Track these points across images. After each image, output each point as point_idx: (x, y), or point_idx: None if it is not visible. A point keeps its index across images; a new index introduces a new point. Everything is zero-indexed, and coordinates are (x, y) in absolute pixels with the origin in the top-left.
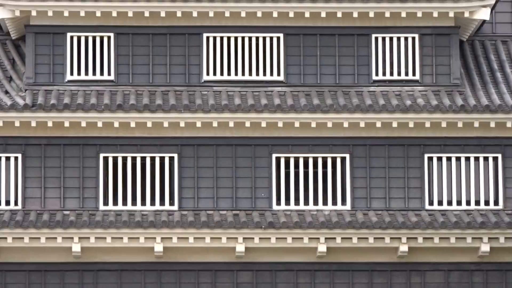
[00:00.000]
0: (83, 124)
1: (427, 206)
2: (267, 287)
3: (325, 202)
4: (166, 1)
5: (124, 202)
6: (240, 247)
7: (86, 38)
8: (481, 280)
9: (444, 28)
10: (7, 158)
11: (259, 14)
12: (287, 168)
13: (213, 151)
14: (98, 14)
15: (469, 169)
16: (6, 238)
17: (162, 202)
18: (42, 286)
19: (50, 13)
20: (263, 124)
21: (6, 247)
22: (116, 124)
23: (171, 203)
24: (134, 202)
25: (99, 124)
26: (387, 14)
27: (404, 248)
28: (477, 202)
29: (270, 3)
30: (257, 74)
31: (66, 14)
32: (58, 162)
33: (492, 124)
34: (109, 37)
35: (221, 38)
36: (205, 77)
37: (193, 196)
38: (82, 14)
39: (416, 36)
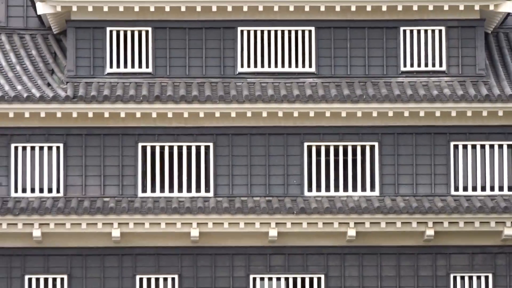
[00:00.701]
0: (122, 114)
1: (453, 192)
2: (298, 270)
3: (354, 189)
4: None
5: (162, 189)
6: (273, 232)
7: (125, 32)
8: (504, 263)
9: (470, 21)
10: (50, 148)
11: (291, 8)
12: (318, 156)
13: (247, 140)
14: (136, 9)
15: (493, 156)
16: (49, 224)
17: (198, 189)
18: (83, 270)
19: (90, 8)
20: (295, 114)
21: (49, 233)
22: (154, 115)
23: (207, 190)
24: (171, 189)
25: (138, 115)
26: (415, 8)
27: (430, 232)
28: (501, 188)
29: None
30: (289, 66)
31: (105, 9)
32: (98, 151)
33: None
34: (147, 31)
35: (255, 31)
36: (239, 69)
37: (228, 183)
38: (121, 9)
39: (443, 28)
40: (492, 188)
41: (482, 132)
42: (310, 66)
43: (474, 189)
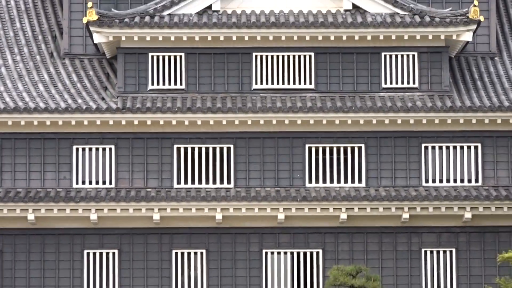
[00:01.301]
0: (161, 122)
1: (424, 184)
2: (301, 246)
3: (345, 181)
4: (224, 28)
5: (193, 182)
6: (281, 215)
7: (163, 56)
8: (464, 240)
9: (437, 48)
10: (104, 149)
11: (295, 38)
12: (317, 155)
13: (260, 142)
14: (172, 38)
15: (456, 155)
16: (103, 209)
17: (221, 181)
18: (131, 246)
19: (135, 38)
20: (298, 122)
21: (103, 216)
22: (186, 122)
23: (228, 182)
24: (200, 181)
25: (173, 122)
26: (393, 37)
27: (406, 215)
28: (462, 180)
29: (303, 29)
30: (294, 83)
31: (148, 38)
32: (142, 151)
33: (474, 121)
34: (180, 56)
35: (266, 56)
36: (254, 86)
37: (245, 177)
38: (160, 38)
39: (416, 53)
40: (455, 181)
41: (447, 136)
42: (310, 83)
43: (441, 181)
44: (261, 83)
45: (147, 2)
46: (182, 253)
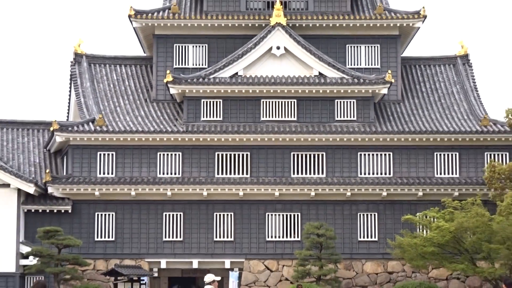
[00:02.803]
0: (208, 139)
1: (359, 175)
2: (288, 211)
3: (314, 173)
4: (245, 85)
5: (226, 173)
6: (277, 193)
7: (210, 101)
8: (383, 208)
9: (367, 97)
10: (175, 154)
11: (285, 91)
12: (298, 158)
13: (265, 151)
14: (215, 91)
15: (378, 159)
16: (174, 189)
17: (242, 173)
18: (190, 210)
19: (194, 91)
20: (287, 139)
21: (174, 193)
22: (223, 139)
23: (246, 173)
24: (230, 173)
25: (215, 139)
26: (342, 91)
27: (349, 193)
28: (381, 173)
29: (290, 86)
30: (284, 117)
31: (201, 91)
32: (197, 156)
33: (388, 139)
34: (219, 101)
35: (269, 101)
36: (262, 118)
37: (256, 171)
38: (208, 91)
39: (355, 101)
40: (377, 173)
41: (372, 148)
42: (294, 117)
43: (369, 173)
44: (266, 117)
45: (200, 71)
46: (220, 215)
